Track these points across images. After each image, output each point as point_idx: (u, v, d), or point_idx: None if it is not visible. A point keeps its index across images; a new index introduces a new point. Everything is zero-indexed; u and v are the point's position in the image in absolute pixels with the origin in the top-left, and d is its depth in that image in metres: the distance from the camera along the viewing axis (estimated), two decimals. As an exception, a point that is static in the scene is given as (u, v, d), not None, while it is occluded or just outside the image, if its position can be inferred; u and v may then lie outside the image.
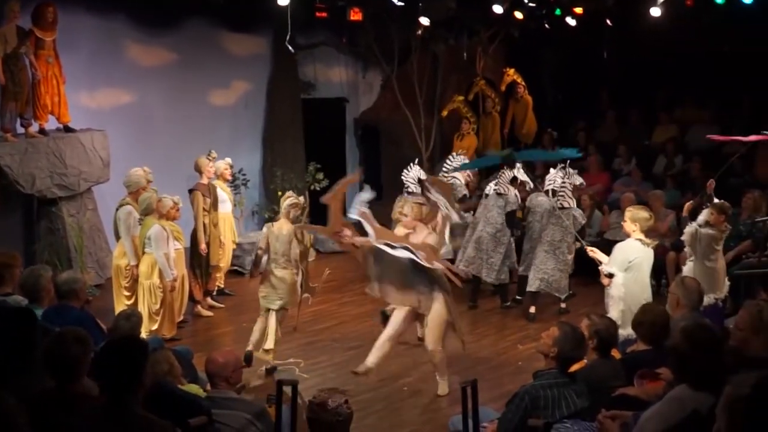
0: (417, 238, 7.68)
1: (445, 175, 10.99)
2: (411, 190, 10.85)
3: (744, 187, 10.92)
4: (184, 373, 5.52)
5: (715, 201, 8.28)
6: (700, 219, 8.16)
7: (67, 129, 10.91)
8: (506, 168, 10.37)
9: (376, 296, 7.97)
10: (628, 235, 7.54)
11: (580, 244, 9.16)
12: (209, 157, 10.32)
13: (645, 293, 7.35)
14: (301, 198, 8.63)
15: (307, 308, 9.07)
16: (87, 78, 11.51)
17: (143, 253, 8.87)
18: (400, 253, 7.37)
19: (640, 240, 7.42)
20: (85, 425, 3.89)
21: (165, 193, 9.11)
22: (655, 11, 11.42)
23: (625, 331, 6.71)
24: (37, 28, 10.25)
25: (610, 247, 7.84)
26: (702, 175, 11.84)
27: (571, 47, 15.07)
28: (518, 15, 13.13)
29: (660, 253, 9.35)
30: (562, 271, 9.94)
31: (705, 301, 6.81)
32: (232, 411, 4.91)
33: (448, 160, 11.25)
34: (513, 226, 10.43)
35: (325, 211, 7.71)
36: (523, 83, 15.12)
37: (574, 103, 15.93)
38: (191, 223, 10.07)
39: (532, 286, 10.01)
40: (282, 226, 8.23)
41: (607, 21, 13.46)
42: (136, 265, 8.92)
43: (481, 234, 10.28)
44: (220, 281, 10.85)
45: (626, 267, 7.37)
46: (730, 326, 5.58)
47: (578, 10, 13.06)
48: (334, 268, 8.83)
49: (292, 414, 5.23)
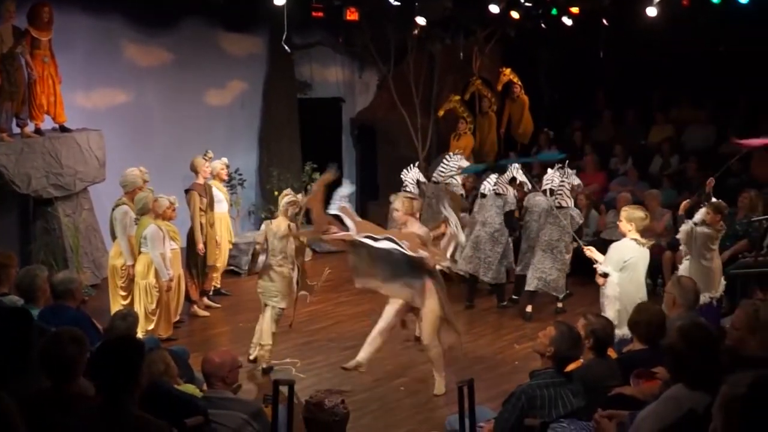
0: (410, 233, 7.63)
1: (443, 174, 11.00)
2: (409, 190, 10.89)
3: (740, 187, 10.92)
4: (180, 373, 5.52)
5: (712, 200, 8.30)
6: (697, 218, 8.18)
7: (63, 129, 10.90)
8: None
9: (367, 288, 7.97)
10: (623, 235, 7.55)
11: (577, 244, 9.17)
12: (205, 157, 10.31)
13: (640, 293, 7.36)
14: (299, 196, 8.65)
15: (304, 308, 9.08)
16: (83, 78, 11.49)
17: (139, 252, 8.86)
18: (383, 244, 7.37)
19: (636, 240, 7.43)
20: (81, 425, 3.88)
21: (161, 193, 9.11)
22: (651, 11, 11.42)
23: (620, 331, 6.71)
24: (32, 28, 10.24)
25: (606, 247, 7.86)
26: (698, 175, 11.88)
27: (568, 47, 15.08)
28: (514, 15, 13.14)
29: (656, 252, 9.37)
30: (559, 271, 9.95)
31: (700, 300, 6.83)
32: (228, 411, 4.91)
33: (445, 160, 11.23)
34: (511, 226, 10.44)
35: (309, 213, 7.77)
36: (520, 83, 15.14)
37: (571, 102, 15.94)
38: (187, 222, 10.06)
39: (530, 286, 10.02)
40: (280, 224, 8.27)
41: (604, 21, 13.46)
42: (133, 265, 8.92)
43: (478, 233, 10.29)
44: (216, 281, 10.85)
45: (621, 267, 7.38)
46: (727, 326, 5.58)
47: (574, 9, 13.08)
48: (330, 267, 8.81)
49: (289, 414, 5.23)
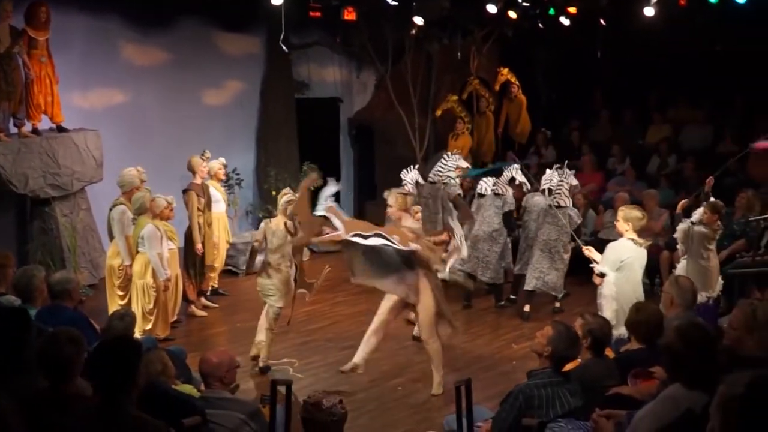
0: (405, 230, 7.58)
1: (441, 174, 11.01)
2: (408, 189, 10.90)
3: (738, 187, 10.93)
4: (177, 373, 5.51)
5: (710, 200, 8.31)
6: (694, 217, 8.19)
7: (60, 129, 10.88)
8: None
9: (364, 285, 7.95)
10: (621, 235, 7.55)
11: (576, 243, 9.17)
12: (203, 157, 10.30)
13: (637, 293, 7.36)
14: (298, 195, 8.66)
15: (301, 308, 9.07)
16: (80, 78, 11.47)
17: (137, 252, 8.86)
18: (373, 241, 7.31)
19: (633, 239, 7.43)
20: (78, 425, 3.88)
21: (159, 193, 9.10)
22: (649, 11, 11.44)
23: (617, 331, 6.72)
24: (30, 28, 10.22)
25: (604, 247, 7.85)
26: (695, 175, 11.89)
27: (565, 47, 15.08)
28: (512, 14, 13.14)
29: (654, 252, 9.37)
30: (558, 271, 9.94)
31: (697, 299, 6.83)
32: (226, 411, 4.91)
33: (443, 159, 11.23)
34: (509, 226, 10.43)
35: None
36: (517, 83, 15.14)
37: (568, 102, 15.95)
38: (185, 222, 10.06)
39: (529, 286, 10.02)
40: (279, 223, 8.29)
41: (601, 21, 13.48)
42: (130, 265, 8.91)
43: (477, 233, 10.28)
44: (214, 281, 10.84)
45: (618, 266, 7.38)
46: (724, 325, 5.58)
47: (572, 9, 13.08)
48: (329, 266, 8.77)
49: (287, 414, 5.23)
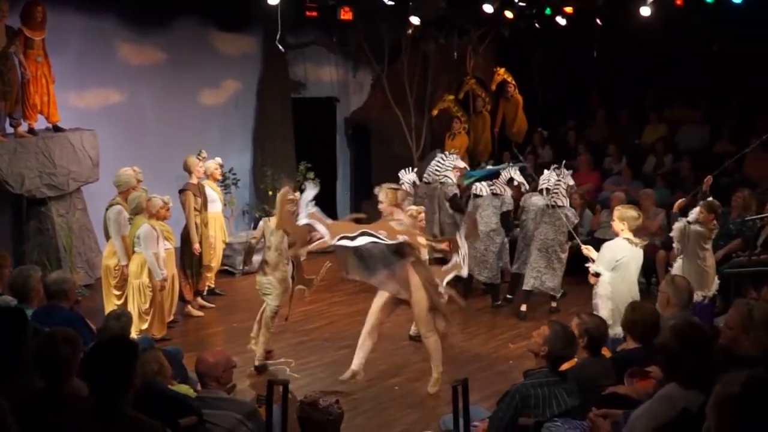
0: (395, 225, 7.53)
1: (438, 173, 11.02)
2: (405, 189, 10.91)
3: (734, 186, 10.94)
4: (174, 373, 5.51)
5: (707, 199, 8.32)
6: (691, 216, 8.19)
7: (57, 129, 10.86)
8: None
9: (358, 280, 7.96)
10: (617, 234, 7.56)
11: (572, 243, 9.17)
12: (199, 157, 10.29)
13: (632, 292, 7.35)
14: (298, 194, 8.67)
15: (298, 308, 9.06)
16: (76, 77, 11.45)
17: (133, 252, 8.85)
18: (360, 241, 7.20)
19: (628, 239, 7.44)
20: (74, 425, 3.88)
21: (155, 193, 9.09)
22: (645, 11, 11.43)
23: (613, 330, 6.72)
24: (26, 28, 10.20)
25: (600, 246, 7.86)
26: (692, 174, 11.90)
27: (561, 47, 15.08)
28: (508, 14, 13.15)
29: (650, 251, 9.37)
30: (555, 270, 9.94)
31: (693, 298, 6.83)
32: (222, 411, 4.90)
33: (441, 159, 11.26)
34: (507, 226, 10.43)
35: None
36: (514, 82, 15.16)
37: (565, 102, 15.96)
38: (181, 222, 10.05)
39: (527, 285, 10.02)
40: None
41: (597, 20, 13.48)
42: (126, 265, 8.90)
43: (466, 221, 10.27)
44: (210, 281, 10.84)
45: (613, 266, 7.38)
46: (720, 325, 5.59)
47: (568, 9, 13.09)
48: (329, 263, 8.73)
49: (283, 414, 5.23)
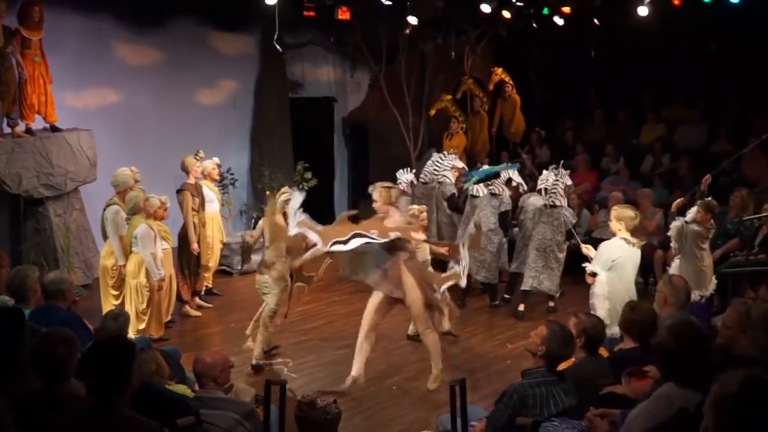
0: (390, 223, 7.50)
1: (437, 172, 11.04)
2: (402, 189, 10.94)
3: (732, 186, 10.95)
4: (171, 373, 5.50)
5: (705, 198, 8.33)
6: (688, 216, 8.20)
7: (54, 129, 10.85)
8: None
9: (354, 280, 7.95)
10: (614, 234, 7.57)
11: (575, 241, 9.18)
12: (196, 157, 10.28)
13: (630, 292, 7.35)
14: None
15: (296, 307, 9.05)
16: (73, 77, 11.44)
17: (130, 252, 8.83)
18: (353, 244, 7.19)
19: (626, 239, 7.44)
20: (72, 426, 3.88)
21: (152, 193, 9.08)
22: (643, 11, 11.43)
23: (609, 330, 6.72)
24: (23, 28, 10.19)
25: (597, 246, 7.86)
26: (689, 174, 11.91)
27: (559, 46, 15.09)
28: (506, 14, 13.16)
29: (647, 251, 9.39)
30: (553, 270, 9.96)
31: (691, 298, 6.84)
32: (220, 411, 4.91)
33: (439, 159, 11.28)
34: (505, 226, 10.44)
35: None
36: (511, 82, 15.17)
37: (562, 102, 15.96)
38: (178, 222, 10.04)
39: (526, 285, 10.04)
40: (277, 221, 8.30)
41: (595, 20, 13.49)
42: (124, 265, 8.89)
43: (471, 232, 10.28)
44: (208, 281, 10.84)
45: (610, 266, 7.39)
46: (718, 324, 5.59)
47: (566, 9, 13.10)
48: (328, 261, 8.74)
49: (281, 414, 5.22)
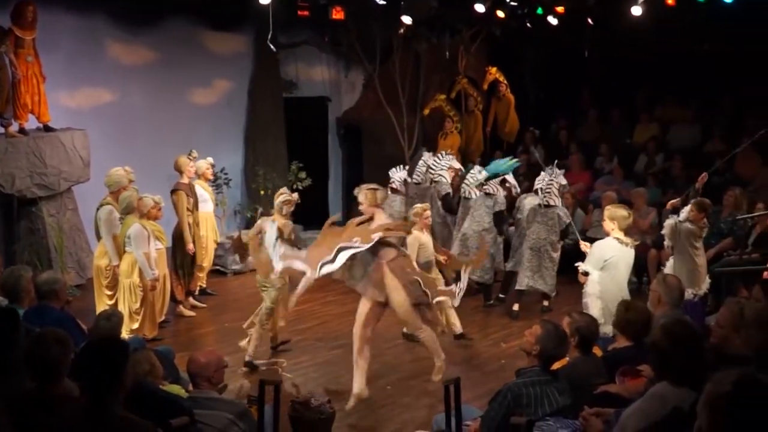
0: (374, 225, 7.28)
1: (433, 172, 11.05)
2: (395, 187, 10.96)
3: (725, 185, 10.97)
4: (165, 373, 5.49)
5: (698, 198, 8.34)
6: (682, 215, 8.22)
7: (47, 128, 10.82)
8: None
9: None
10: (607, 234, 7.58)
11: (571, 238, 9.20)
12: (190, 157, 10.28)
13: (622, 292, 7.35)
14: (295, 195, 8.71)
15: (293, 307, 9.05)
16: (67, 77, 11.42)
17: (124, 252, 8.82)
18: (340, 260, 6.98)
19: (618, 239, 7.45)
20: (65, 426, 3.87)
21: (146, 193, 9.06)
22: (636, 10, 11.44)
23: (603, 329, 6.73)
24: (16, 27, 10.16)
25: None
26: (683, 174, 11.93)
27: (553, 46, 15.11)
28: (500, 14, 13.16)
29: (641, 250, 9.40)
30: (548, 269, 9.98)
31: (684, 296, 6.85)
32: (214, 411, 4.89)
33: (437, 159, 11.29)
34: (500, 226, 10.44)
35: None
36: (505, 82, 15.18)
37: (556, 101, 15.98)
38: (172, 222, 10.03)
39: (521, 285, 10.06)
40: (275, 222, 8.28)
41: (589, 20, 13.50)
42: (118, 265, 8.87)
43: (466, 231, 10.29)
44: (202, 281, 10.83)
45: (602, 266, 7.40)
46: (712, 324, 5.60)
47: (560, 9, 13.11)
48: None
49: (275, 414, 5.22)
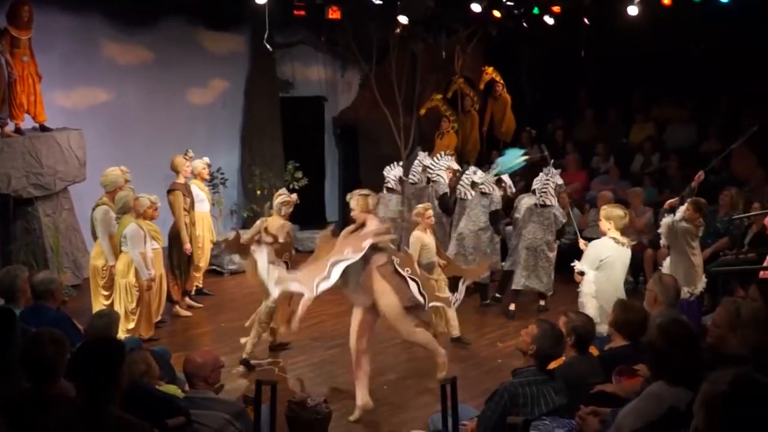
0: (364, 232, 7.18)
1: (431, 172, 11.06)
2: (390, 186, 10.96)
3: (721, 185, 10.98)
4: (162, 373, 5.49)
5: (694, 197, 8.35)
6: (678, 214, 8.23)
7: (43, 128, 10.81)
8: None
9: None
10: (604, 234, 7.59)
11: (569, 236, 9.21)
12: (186, 157, 10.26)
13: (618, 292, 7.38)
14: (294, 196, 8.71)
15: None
16: (63, 77, 11.40)
17: (120, 252, 8.81)
18: (335, 275, 6.88)
19: (615, 238, 7.47)
20: (61, 426, 3.87)
21: (142, 193, 9.05)
22: (633, 10, 11.43)
23: (598, 329, 6.72)
24: (12, 27, 10.15)
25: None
26: (679, 173, 11.94)
27: (549, 46, 15.09)
28: (496, 13, 13.15)
29: (638, 250, 9.42)
30: (544, 269, 10.00)
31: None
32: (210, 411, 4.90)
33: (435, 159, 11.30)
34: (496, 226, 10.45)
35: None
36: (502, 81, 15.18)
37: (553, 101, 15.97)
38: (168, 222, 10.01)
39: (518, 285, 10.08)
40: (274, 223, 8.32)
41: (585, 20, 13.49)
42: (114, 265, 8.86)
43: (462, 231, 10.29)
44: (198, 281, 10.82)
45: (598, 265, 7.42)
46: (708, 323, 5.60)
47: (556, 8, 13.10)
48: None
49: (272, 414, 5.22)
